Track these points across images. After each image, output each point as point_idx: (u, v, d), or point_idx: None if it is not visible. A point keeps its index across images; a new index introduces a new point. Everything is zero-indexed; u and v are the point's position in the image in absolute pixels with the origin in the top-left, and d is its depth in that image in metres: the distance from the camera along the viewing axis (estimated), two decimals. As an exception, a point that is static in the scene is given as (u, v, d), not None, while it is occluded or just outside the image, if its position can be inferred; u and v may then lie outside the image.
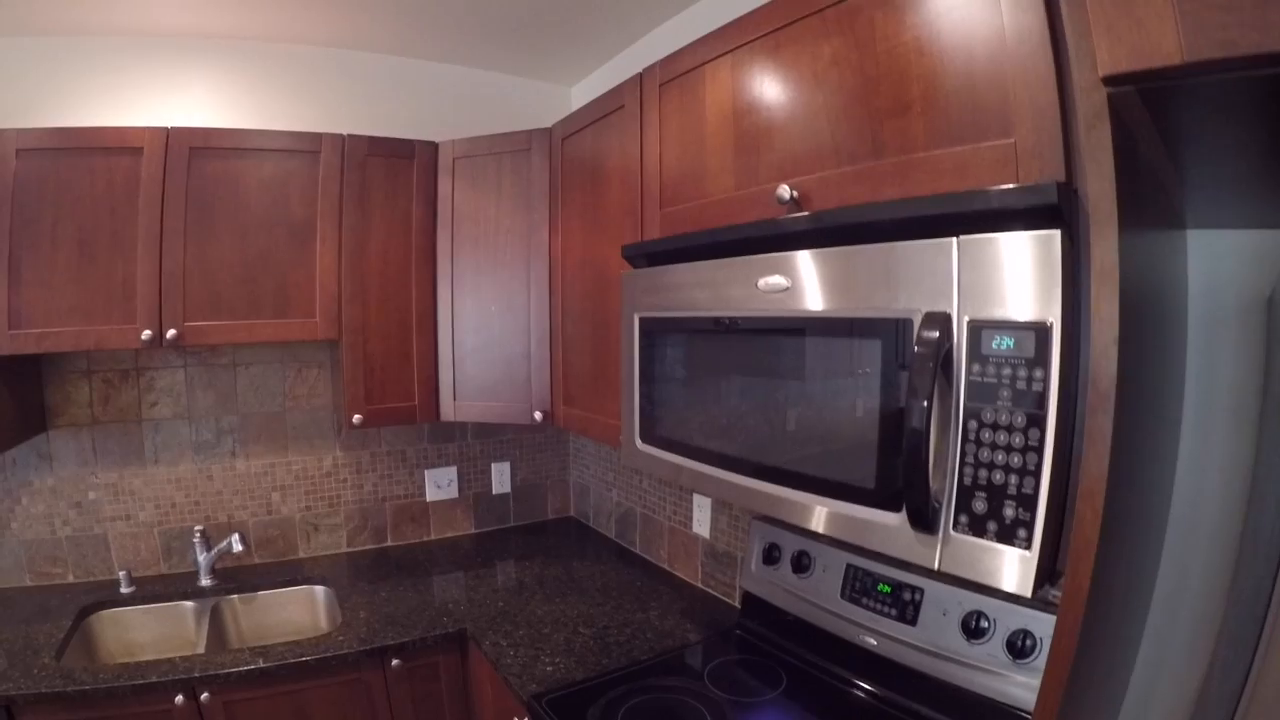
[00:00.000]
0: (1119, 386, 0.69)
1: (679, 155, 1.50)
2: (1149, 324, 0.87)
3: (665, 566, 2.21)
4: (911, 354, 0.90)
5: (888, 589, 1.45)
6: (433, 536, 2.52)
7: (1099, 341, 0.70)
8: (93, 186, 1.75)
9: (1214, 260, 1.08)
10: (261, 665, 1.65)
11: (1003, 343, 0.84)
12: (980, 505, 0.90)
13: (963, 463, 0.90)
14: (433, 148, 2.08)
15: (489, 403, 2.06)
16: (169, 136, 1.80)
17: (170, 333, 1.80)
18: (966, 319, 0.88)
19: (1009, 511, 0.87)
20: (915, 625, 1.39)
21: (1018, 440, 0.84)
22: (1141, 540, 1.06)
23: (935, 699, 1.35)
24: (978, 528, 0.90)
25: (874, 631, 1.45)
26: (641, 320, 1.49)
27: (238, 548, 2.02)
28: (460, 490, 2.53)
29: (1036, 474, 0.84)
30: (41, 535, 2.03)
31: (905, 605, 1.41)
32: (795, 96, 1.21)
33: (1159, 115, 0.67)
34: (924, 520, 0.93)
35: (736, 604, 1.88)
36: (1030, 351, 0.82)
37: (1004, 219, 0.85)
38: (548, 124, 2.02)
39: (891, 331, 0.97)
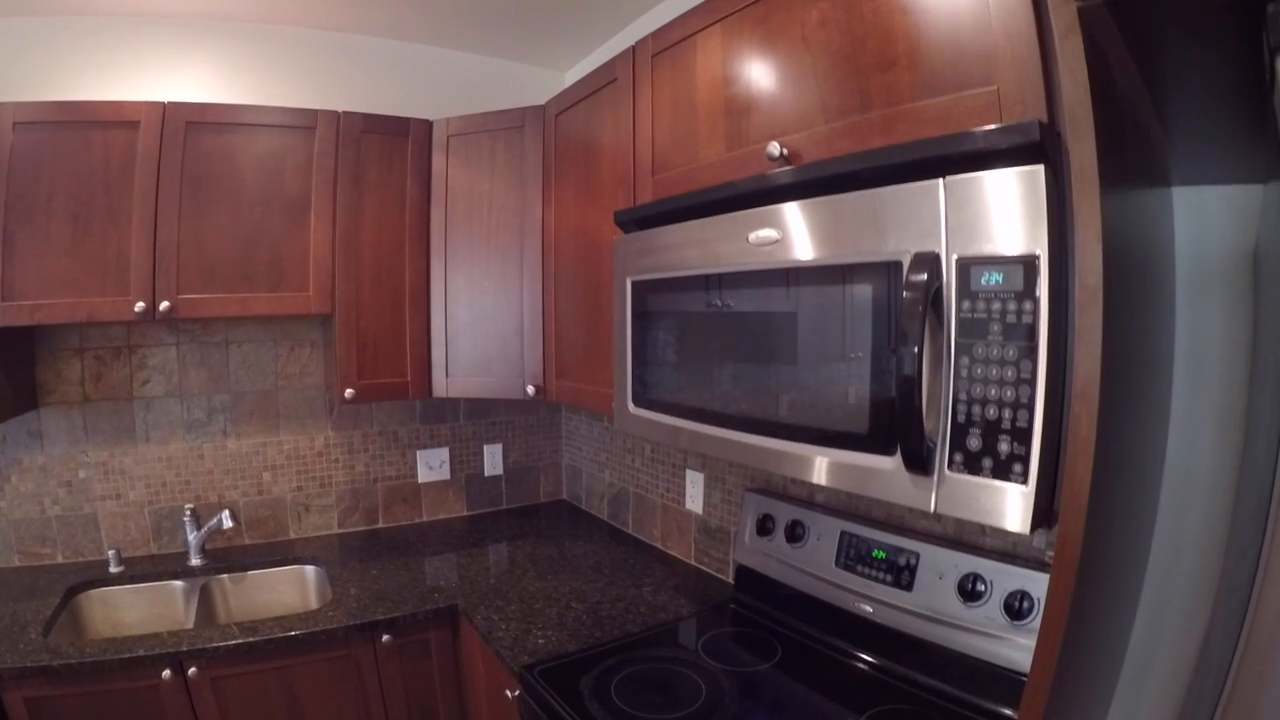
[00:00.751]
0: (1106, 308, 0.69)
1: (671, 123, 1.50)
2: (1136, 278, 0.88)
3: (658, 545, 2.20)
4: (901, 298, 0.90)
5: (882, 555, 1.43)
6: (424, 518, 2.50)
7: (1082, 239, 0.70)
8: (89, 160, 1.74)
9: (1199, 216, 1.09)
10: (250, 640, 1.62)
11: (991, 278, 0.84)
12: (975, 442, 0.89)
13: (956, 400, 0.90)
14: (427, 126, 2.08)
15: (481, 378, 2.05)
16: (165, 111, 1.80)
17: (163, 305, 1.79)
18: (955, 257, 0.88)
19: (1004, 447, 0.86)
20: (911, 591, 1.37)
21: (1010, 374, 0.84)
22: (1138, 486, 1.05)
23: (933, 666, 1.33)
24: (973, 465, 0.89)
25: (870, 599, 1.44)
26: (634, 284, 1.48)
27: (228, 524, 1.99)
28: (452, 472, 2.52)
29: (1030, 407, 0.83)
30: (31, 515, 2.01)
31: (901, 571, 1.39)
32: (784, 59, 1.22)
33: (1131, 38, 0.69)
34: (919, 462, 0.93)
35: (730, 580, 1.86)
36: (1019, 285, 0.82)
37: (988, 159, 0.85)
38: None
39: (881, 275, 0.97)
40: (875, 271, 0.98)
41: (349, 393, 1.96)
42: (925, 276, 0.87)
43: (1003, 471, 0.86)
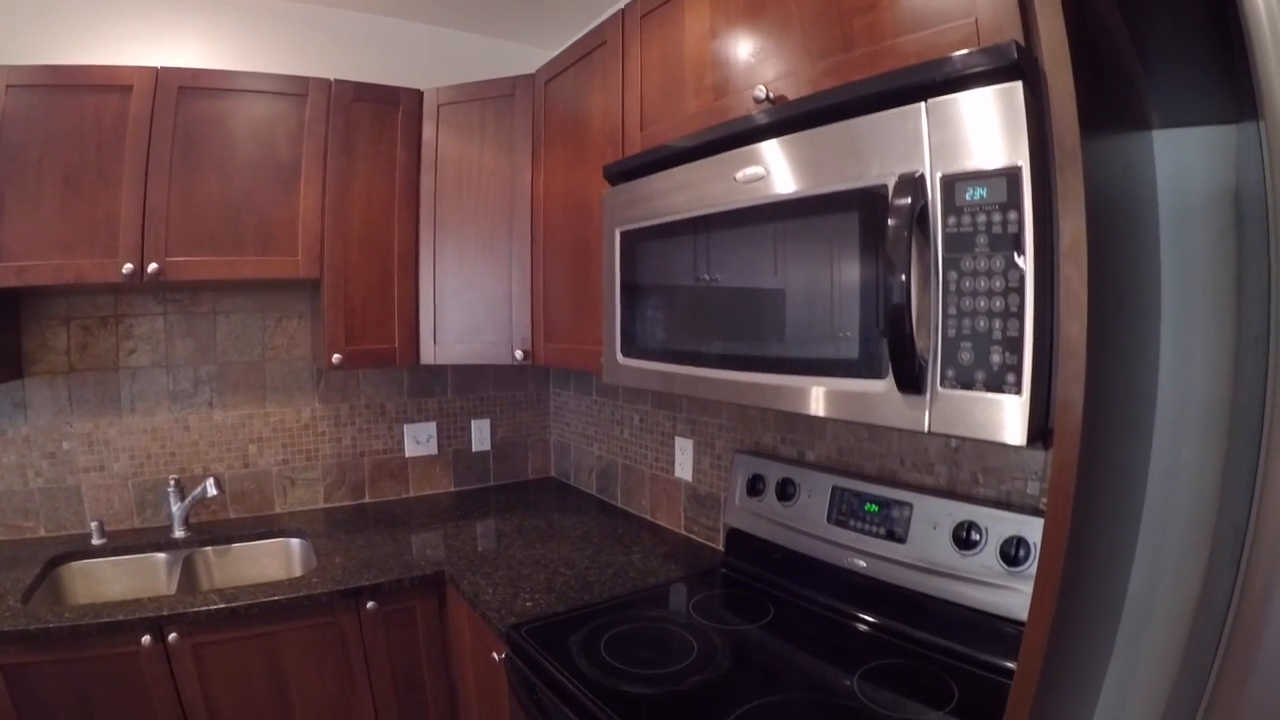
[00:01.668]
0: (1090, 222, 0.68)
1: (660, 80, 1.51)
2: (1121, 219, 0.89)
3: (648, 516, 2.17)
4: (886, 224, 0.89)
5: (875, 508, 1.41)
6: (411, 493, 2.47)
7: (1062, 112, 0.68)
8: (81, 123, 1.73)
9: (1180, 158, 1.09)
10: (232, 605, 1.59)
11: (976, 192, 0.85)
12: (966, 356, 0.88)
13: (945, 316, 0.89)
14: (417, 95, 2.08)
15: (469, 344, 2.03)
16: (159, 76, 1.79)
17: (152, 267, 1.77)
18: (939, 175, 0.88)
19: (996, 358, 0.85)
20: (905, 543, 1.35)
21: (998, 284, 0.83)
22: (1130, 418, 1.03)
23: (929, 619, 1.31)
24: (965, 380, 0.88)
25: (863, 553, 1.41)
26: (623, 234, 1.47)
27: (213, 492, 1.96)
28: (440, 446, 2.49)
29: (1020, 315, 0.82)
30: (13, 487, 1.98)
31: (894, 523, 1.37)
32: (769, 9, 1.23)
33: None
34: (911, 382, 0.92)
35: (720, 548, 1.84)
36: (1003, 196, 0.82)
37: (968, 82, 0.86)
38: (531, 83, 2.03)
39: (868, 201, 0.97)
40: (862, 198, 0.98)
41: (336, 358, 1.94)
42: (909, 200, 0.87)
43: (996, 383, 0.85)
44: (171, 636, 1.56)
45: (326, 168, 1.95)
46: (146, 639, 1.54)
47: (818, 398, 1.06)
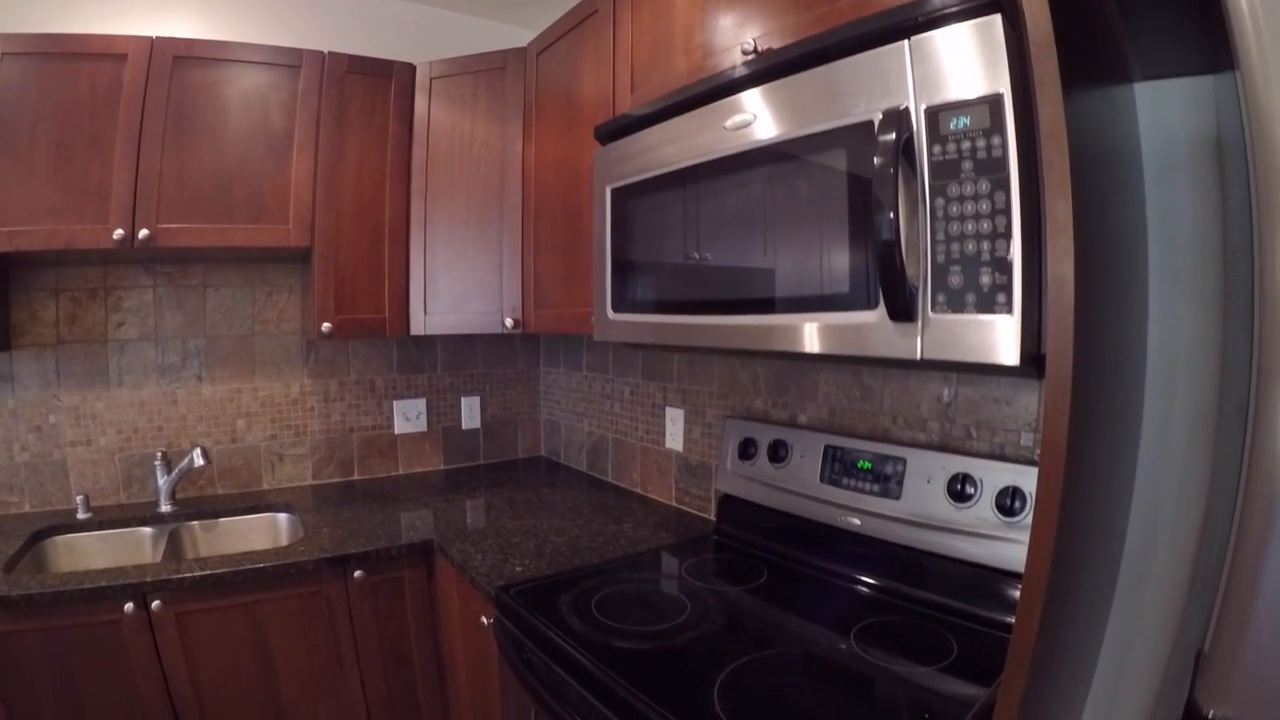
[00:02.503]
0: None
1: (650, 42, 1.52)
2: (1104, 170, 0.89)
3: (639, 490, 2.16)
4: (874, 158, 0.90)
5: (868, 465, 1.40)
6: (401, 471, 2.45)
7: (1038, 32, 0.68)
8: (75, 91, 1.72)
9: (1162, 110, 1.10)
10: (217, 571, 1.57)
11: (960, 121, 0.86)
12: (956, 280, 0.88)
13: (934, 242, 0.90)
14: (410, 68, 2.08)
15: (460, 314, 2.02)
16: (154, 45, 1.78)
17: (143, 233, 1.76)
18: (924, 107, 0.90)
19: (985, 279, 0.85)
20: (899, 499, 1.33)
21: (985, 207, 0.84)
22: (1122, 363, 1.02)
23: (925, 576, 1.29)
24: (956, 303, 0.88)
25: (857, 510, 1.40)
26: (614, 191, 1.46)
27: (199, 462, 1.94)
28: (429, 424, 2.47)
29: (1008, 235, 0.83)
30: (-1, 461, 1.95)
31: (888, 479, 1.36)
32: None
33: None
34: (902, 310, 0.92)
35: (712, 518, 1.82)
36: (986, 122, 0.84)
37: (949, 19, 0.88)
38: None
39: (856, 136, 0.98)
40: (849, 134, 0.98)
41: (326, 326, 1.93)
42: (895, 132, 0.88)
43: (987, 304, 0.85)
44: (155, 604, 1.53)
45: (319, 138, 1.94)
46: (129, 607, 1.52)
47: (810, 334, 1.05)
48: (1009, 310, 0.83)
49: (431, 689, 1.85)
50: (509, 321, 1.96)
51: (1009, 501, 1.19)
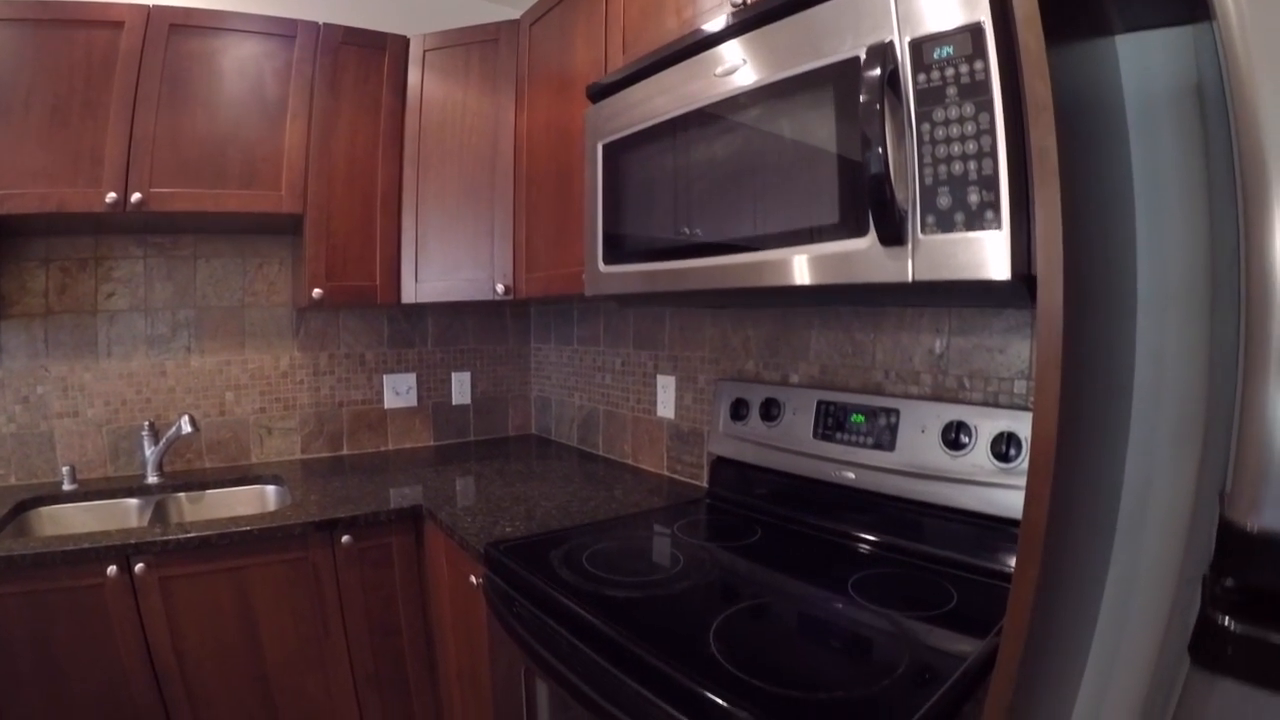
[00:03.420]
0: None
1: (641, 6, 1.52)
2: (1088, 115, 0.89)
3: (630, 461, 2.15)
4: (859, 98, 0.92)
5: (861, 418, 1.38)
6: (390, 446, 2.43)
7: None
8: (71, 57, 1.72)
9: (1143, 60, 1.10)
10: (202, 534, 1.54)
11: (943, 51, 0.88)
12: (945, 200, 0.88)
13: (921, 165, 0.90)
14: (404, 40, 2.08)
15: (450, 281, 2.01)
16: (150, 13, 1.78)
17: (135, 197, 1.75)
18: (908, 39, 0.92)
19: (973, 197, 0.86)
20: (894, 450, 1.32)
21: (970, 128, 0.85)
22: (1114, 299, 1.02)
23: (920, 529, 1.28)
24: (945, 223, 0.88)
25: (851, 464, 1.38)
26: (605, 147, 1.46)
27: (187, 429, 1.92)
28: (419, 399, 2.46)
29: (993, 153, 0.84)
30: (-16, 432, 1.93)
31: (882, 431, 1.35)
32: None
33: None
34: (893, 234, 0.92)
35: (704, 485, 1.80)
36: (969, 49, 0.86)
37: None
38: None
39: (843, 72, 0.99)
40: (837, 70, 1.00)
41: (317, 292, 1.92)
42: (881, 64, 0.90)
43: (976, 221, 0.85)
44: (138, 567, 1.51)
45: (313, 107, 1.94)
46: (113, 569, 1.49)
47: (800, 266, 1.04)
48: (998, 225, 0.83)
49: (419, 661, 1.83)
50: (500, 288, 1.95)
51: (1004, 448, 1.18)
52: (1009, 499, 1.15)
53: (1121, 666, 1.14)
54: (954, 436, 1.24)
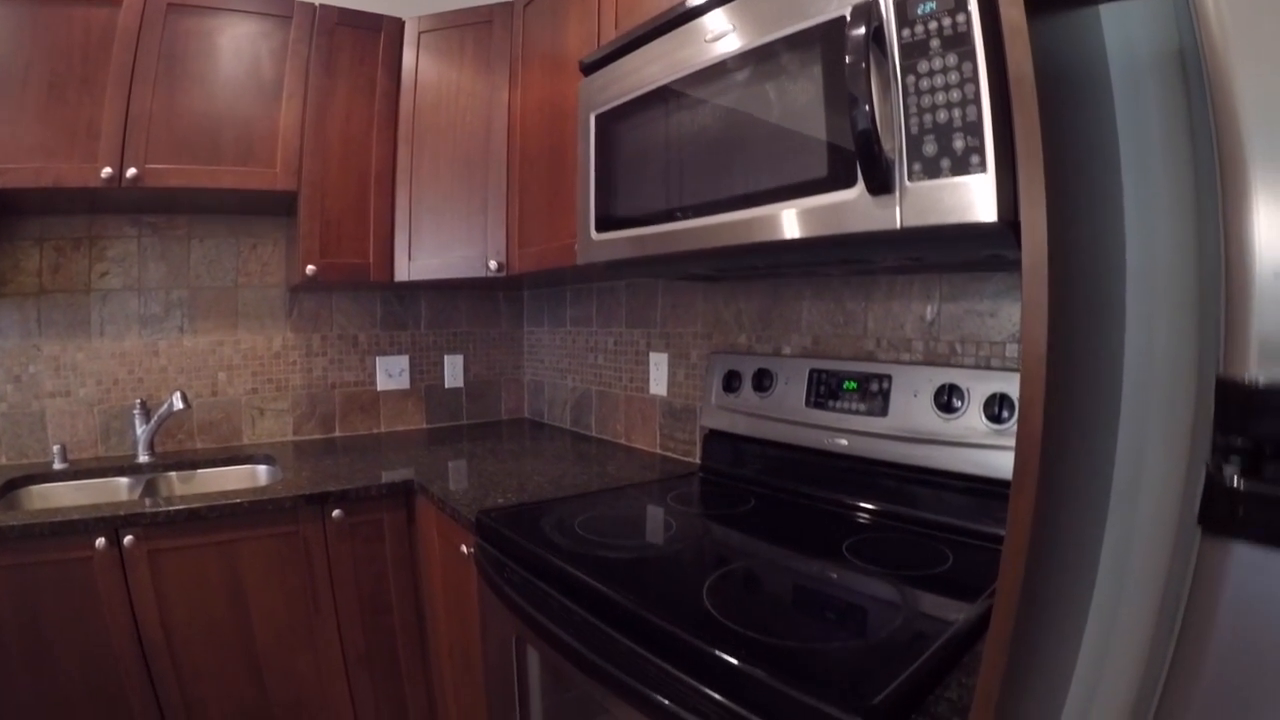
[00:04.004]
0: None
1: None
2: (1072, 83, 0.90)
3: (623, 441, 2.15)
4: (845, 56, 0.93)
5: (854, 385, 1.39)
6: (382, 429, 2.43)
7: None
8: (69, 34, 1.73)
9: (1125, 27, 1.11)
10: (192, 506, 1.54)
11: (926, 6, 0.90)
12: (930, 147, 0.89)
13: (907, 115, 0.91)
14: (399, 22, 2.10)
15: (443, 258, 2.01)
16: None
17: (130, 172, 1.75)
18: None
19: (959, 143, 0.87)
20: (886, 415, 1.33)
21: (954, 78, 0.87)
22: (1102, 266, 1.02)
23: (914, 495, 1.28)
24: (932, 169, 0.89)
25: (844, 431, 1.39)
26: (598, 117, 1.46)
27: (179, 405, 1.92)
28: (412, 381, 2.46)
29: (977, 101, 0.85)
30: (-25, 412, 1.92)
31: (874, 397, 1.35)
32: None
33: None
34: (881, 183, 0.92)
35: (697, 461, 1.81)
36: (951, 3, 0.87)
37: None
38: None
39: (829, 31, 1.00)
40: (823, 30, 1.01)
41: (310, 269, 1.92)
42: (866, 22, 0.91)
43: (961, 166, 0.87)
44: (127, 540, 1.50)
45: (308, 87, 1.95)
46: (101, 542, 1.48)
47: (790, 220, 1.05)
48: (983, 169, 0.84)
49: (411, 639, 1.82)
50: (493, 264, 1.95)
51: (996, 409, 1.18)
52: (1003, 460, 1.15)
53: (1120, 630, 1.14)
54: (946, 400, 1.24)
